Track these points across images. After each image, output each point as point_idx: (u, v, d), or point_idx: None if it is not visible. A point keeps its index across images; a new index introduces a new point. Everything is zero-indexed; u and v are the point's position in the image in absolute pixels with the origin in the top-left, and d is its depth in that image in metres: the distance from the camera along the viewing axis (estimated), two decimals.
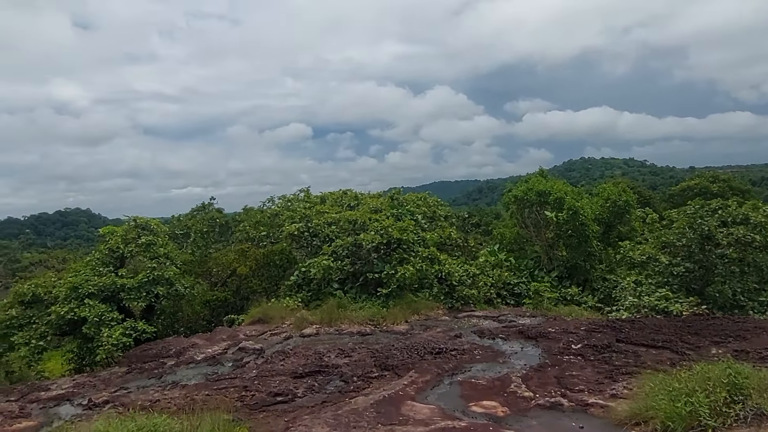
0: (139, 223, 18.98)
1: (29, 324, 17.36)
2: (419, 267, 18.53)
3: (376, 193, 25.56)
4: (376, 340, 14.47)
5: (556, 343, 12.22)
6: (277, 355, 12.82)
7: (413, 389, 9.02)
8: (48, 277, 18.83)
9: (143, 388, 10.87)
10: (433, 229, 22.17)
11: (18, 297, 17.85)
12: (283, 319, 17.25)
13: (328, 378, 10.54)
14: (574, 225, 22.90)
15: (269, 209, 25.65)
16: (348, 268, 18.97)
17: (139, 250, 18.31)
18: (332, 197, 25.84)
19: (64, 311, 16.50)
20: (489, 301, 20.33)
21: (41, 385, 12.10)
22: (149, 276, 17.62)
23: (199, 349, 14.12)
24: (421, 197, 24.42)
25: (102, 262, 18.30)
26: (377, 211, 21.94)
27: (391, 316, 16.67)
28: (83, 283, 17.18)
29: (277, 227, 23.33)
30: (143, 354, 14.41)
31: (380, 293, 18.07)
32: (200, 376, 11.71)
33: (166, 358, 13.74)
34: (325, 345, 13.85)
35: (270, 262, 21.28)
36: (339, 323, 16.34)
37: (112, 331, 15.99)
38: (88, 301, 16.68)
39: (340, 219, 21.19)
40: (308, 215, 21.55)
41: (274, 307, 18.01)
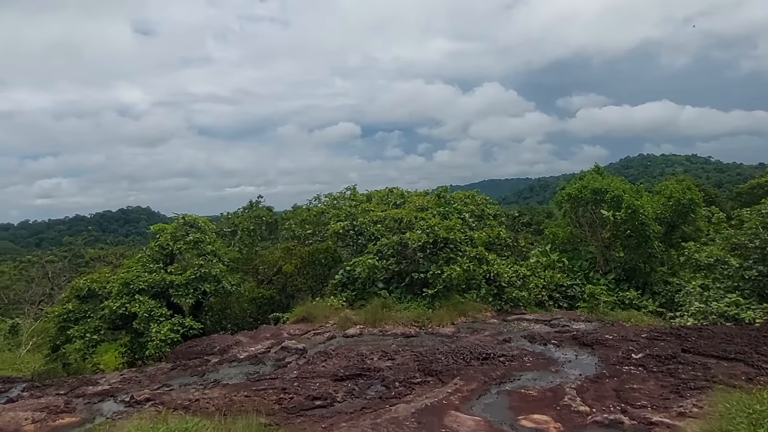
0: (187, 220, 19.25)
1: (84, 318, 17.90)
2: (466, 267, 17.90)
3: (422, 191, 25.04)
4: (421, 342, 13.99)
5: (614, 352, 11.35)
6: (319, 355, 12.56)
7: (458, 398, 8.49)
8: (102, 273, 19.40)
9: (185, 386, 10.83)
10: (481, 228, 21.43)
11: (74, 291, 18.46)
12: (327, 318, 17.04)
13: (369, 382, 10.15)
14: (633, 224, 21.60)
15: (315, 207, 25.61)
16: (393, 267, 18.56)
17: (187, 247, 18.57)
18: (378, 195, 25.50)
19: (116, 306, 16.90)
20: (540, 303, 19.42)
21: (90, 379, 12.33)
22: (196, 273, 17.82)
23: (242, 348, 14.06)
24: (469, 195, 23.70)
25: (152, 258, 18.66)
26: (423, 209, 21.41)
27: (436, 317, 16.14)
28: (134, 279, 17.56)
29: (322, 225, 23.22)
30: (189, 350, 14.50)
31: (426, 294, 17.56)
32: (241, 375, 11.59)
33: (210, 356, 13.76)
34: (368, 346, 13.49)
35: (315, 261, 21.16)
36: (383, 324, 15.96)
37: (161, 327, 16.23)
38: (139, 297, 17.02)
39: (386, 217, 20.81)
40: (353, 213, 21.28)
41: (318, 306, 17.84)
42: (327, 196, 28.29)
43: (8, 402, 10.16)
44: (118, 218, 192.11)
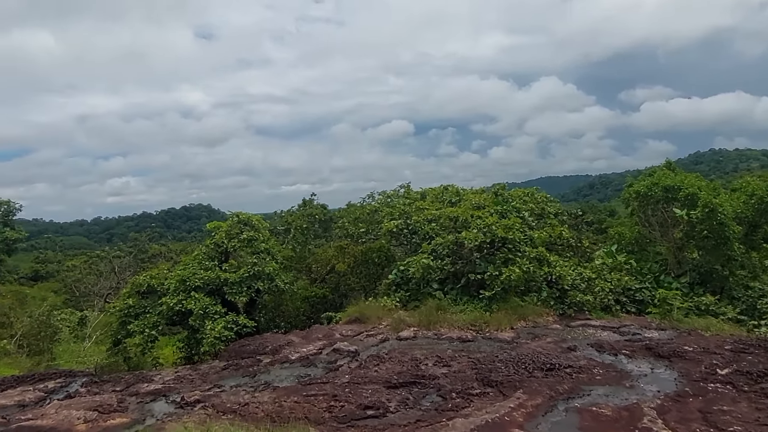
0: (241, 218, 19.31)
1: (144, 313, 18.26)
2: (526, 268, 16.97)
3: (478, 189, 24.15)
4: (478, 348, 13.28)
5: (695, 366, 10.27)
6: (372, 359, 12.11)
7: (521, 415, 7.78)
8: (161, 269, 19.76)
9: (236, 388, 10.64)
10: (542, 227, 20.35)
11: (135, 287, 18.88)
12: (380, 319, 16.59)
13: (424, 391, 9.58)
14: (710, 224, 19.91)
15: (369, 205, 25.25)
16: (448, 267, 17.88)
17: (241, 245, 18.62)
18: (432, 193, 24.81)
19: (173, 303, 17.11)
20: (606, 308, 18.18)
21: (146, 376, 12.40)
22: (250, 271, 17.81)
23: (294, 348, 13.83)
24: (528, 193, 22.62)
25: (208, 256, 18.83)
26: (480, 207, 20.57)
27: (494, 321, 15.36)
28: (191, 277, 17.74)
29: (376, 224, 22.81)
30: (242, 349, 14.42)
31: (483, 296, 16.78)
32: (292, 377, 11.30)
33: (262, 355, 13.60)
34: (422, 351, 12.93)
35: (368, 260, 20.78)
36: (438, 327, 15.34)
37: (215, 324, 16.28)
38: (195, 294, 17.16)
39: (441, 216, 20.13)
40: (408, 212, 20.74)
41: (371, 306, 17.42)
42: (381, 194, 27.89)
43: (66, 398, 10.31)
44: (181, 215, 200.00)
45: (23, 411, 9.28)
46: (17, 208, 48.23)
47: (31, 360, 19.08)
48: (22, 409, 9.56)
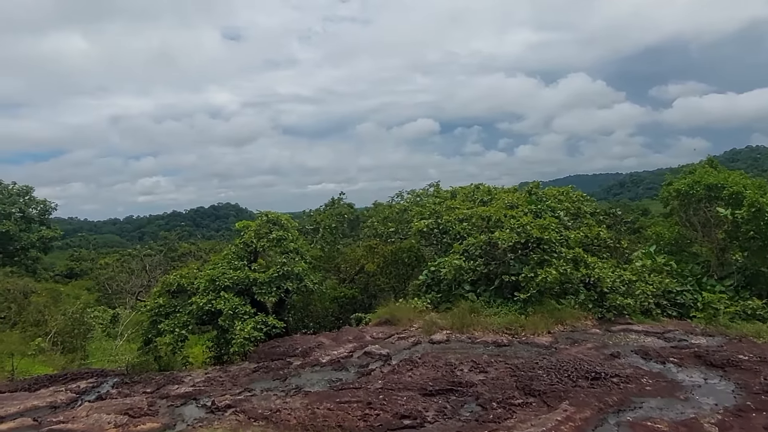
0: (270, 218, 19.14)
1: (174, 313, 18.24)
2: (563, 270, 16.35)
3: (511, 188, 23.56)
4: (515, 353, 12.78)
5: (753, 377, 9.59)
6: (405, 363, 11.73)
7: (570, 429, 7.30)
8: (191, 268, 19.74)
9: (267, 392, 10.39)
10: (578, 227, 19.66)
11: (165, 286, 18.88)
12: (411, 321, 16.20)
13: (462, 399, 9.16)
14: (757, 225, 18.93)
15: (398, 204, 24.89)
16: (481, 268, 17.38)
17: (270, 245, 18.45)
18: (463, 192, 24.33)
19: (203, 302, 17.03)
20: (646, 311, 17.40)
21: (177, 377, 12.27)
22: (279, 271, 17.61)
23: (324, 350, 13.54)
24: (563, 191, 21.91)
25: (237, 255, 18.71)
26: (513, 207, 20.00)
27: (530, 324, 14.80)
28: (220, 276, 17.63)
29: (405, 223, 22.43)
30: (271, 351, 14.22)
31: (517, 298, 16.23)
32: (324, 382, 11.00)
33: (292, 357, 13.36)
34: (456, 355, 12.49)
35: (398, 260, 20.41)
36: (471, 330, 14.87)
37: (245, 325, 16.11)
38: (224, 294, 17.03)
39: (472, 215, 19.63)
40: (438, 211, 20.29)
41: (401, 307, 17.04)
42: (409, 192, 27.50)
43: (97, 399, 10.21)
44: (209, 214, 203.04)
45: (55, 413, 9.20)
46: (53, 207, 49.54)
47: (64, 357, 19.29)
48: (53, 410, 9.49)
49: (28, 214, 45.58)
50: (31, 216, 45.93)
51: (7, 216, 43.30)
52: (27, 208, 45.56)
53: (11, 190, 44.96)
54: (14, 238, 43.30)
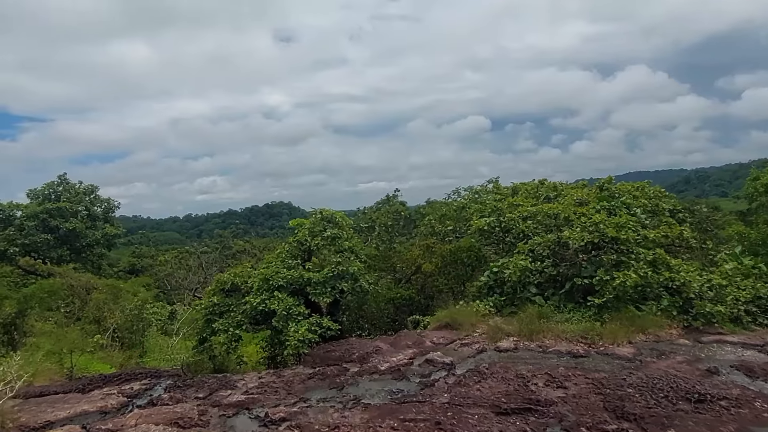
0: (324, 215, 18.50)
1: (228, 312, 17.92)
2: (643, 273, 14.82)
3: (579, 183, 21.96)
4: (595, 365, 11.48)
5: None
6: (472, 374, 10.69)
7: None
8: (245, 267, 19.40)
9: (324, 402, 9.63)
10: (656, 226, 17.93)
11: (219, 285, 18.59)
12: (474, 326, 15.11)
13: (543, 421, 8.05)
14: None
15: (455, 202, 23.77)
16: (549, 270, 16.07)
17: (324, 243, 17.78)
18: (525, 188, 22.90)
19: (256, 302, 16.57)
20: (735, 319, 15.57)
21: (229, 381, 11.75)
22: (334, 270, 16.91)
23: (383, 356, 12.69)
24: (638, 187, 20.14)
25: (291, 254, 18.18)
26: (582, 203, 18.51)
27: (608, 333, 13.40)
28: (274, 275, 17.13)
29: (463, 221, 21.29)
30: (327, 355, 13.51)
31: (591, 303, 14.83)
32: (384, 393, 10.13)
33: (348, 363, 12.59)
34: (527, 366, 11.35)
35: (457, 260, 19.31)
36: (541, 337, 13.63)
37: (298, 326, 15.50)
38: (278, 294, 16.52)
39: (538, 213, 18.28)
40: (500, 208, 19.05)
41: (463, 311, 15.96)
42: (467, 189, 26.33)
43: (148, 404, 9.77)
44: (263, 212, 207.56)
45: (104, 419, 8.79)
46: (116, 205, 51.45)
47: (123, 354, 19.38)
48: (103, 416, 9.10)
49: (93, 212, 47.41)
50: (96, 214, 47.75)
51: (73, 214, 45.16)
52: (92, 206, 47.40)
53: (78, 189, 46.86)
54: (81, 235, 45.13)
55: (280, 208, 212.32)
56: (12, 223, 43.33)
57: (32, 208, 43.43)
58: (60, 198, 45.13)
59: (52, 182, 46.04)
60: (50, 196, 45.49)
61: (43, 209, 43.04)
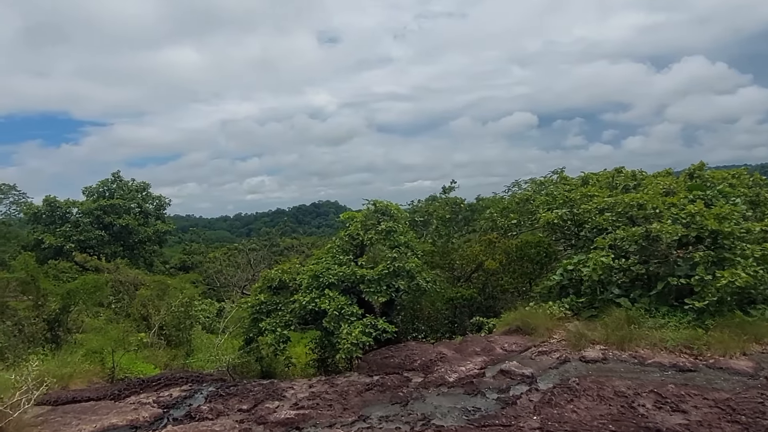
0: (378, 207, 17.04)
1: (276, 311, 16.76)
2: (752, 272, 12.58)
3: (663, 171, 19.59)
4: (709, 382, 9.50)
5: None
6: (561, 391, 8.94)
7: None
8: (293, 264, 18.20)
9: (385, 421, 8.14)
10: (760, 218, 15.52)
11: (266, 282, 17.47)
12: (550, 331, 13.28)
13: None
14: None
15: (519, 194, 21.84)
16: (637, 268, 14.01)
17: (379, 237, 16.32)
18: (596, 178, 20.69)
19: (306, 300, 15.31)
20: None
21: (277, 389, 10.45)
22: (390, 267, 15.43)
23: (449, 365, 11.08)
24: (735, 174, 17.67)
25: (342, 249, 16.83)
26: (669, 193, 16.30)
27: (717, 343, 11.29)
28: (324, 272, 15.82)
29: (529, 214, 19.36)
30: (384, 361, 12.03)
31: (690, 307, 12.71)
32: (457, 411, 8.54)
33: (410, 372, 11.06)
34: (625, 381, 9.48)
35: (524, 256, 17.45)
36: (634, 346, 11.68)
37: (352, 328, 14.11)
38: (329, 292, 15.18)
39: (618, 203, 16.18)
40: (572, 199, 17.05)
41: (535, 313, 14.13)
42: (529, 181, 24.35)
43: (185, 417, 8.54)
44: (311, 211, 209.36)
45: None
46: (167, 202, 51.93)
47: (168, 353, 18.56)
48: None
49: (146, 208, 47.93)
50: (148, 211, 48.27)
51: (126, 210, 45.72)
52: (144, 203, 47.91)
53: (130, 186, 47.47)
54: (133, 231, 45.65)
55: (327, 207, 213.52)
56: (68, 220, 44.24)
57: (87, 205, 44.23)
58: (114, 195, 45.80)
59: (107, 180, 46.85)
60: (104, 193, 46.25)
61: (97, 206, 43.73)
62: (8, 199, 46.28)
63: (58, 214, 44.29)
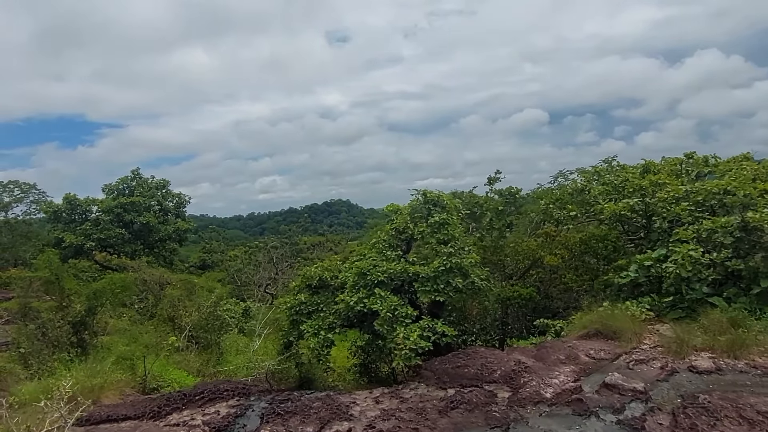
0: (429, 197, 15.50)
1: (317, 312, 15.35)
2: None
3: (740, 155, 17.80)
4: None
5: None
6: (696, 413, 7.35)
7: None
8: (334, 260, 16.77)
9: None
10: None
11: (305, 281, 16.04)
12: (639, 335, 11.65)
13: None
14: None
15: (573, 183, 20.12)
16: (732, 263, 12.35)
17: (431, 231, 14.78)
18: (656, 167, 18.94)
19: (353, 301, 13.83)
20: None
21: (341, 405, 9.00)
22: (446, 263, 13.89)
23: (536, 376, 9.53)
24: None
25: (389, 244, 15.32)
26: (757, 179, 14.60)
27: None
28: (371, 270, 14.32)
29: (585, 206, 17.68)
30: (457, 371, 10.50)
31: None
32: None
33: (491, 384, 9.53)
34: (761, 398, 7.87)
35: (588, 251, 15.80)
36: (747, 354, 10.03)
37: (408, 331, 12.60)
38: (379, 291, 13.69)
39: (696, 191, 14.53)
40: (644, 187, 15.40)
41: (617, 315, 12.52)
42: (577, 171, 22.67)
43: None
44: (323, 210, 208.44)
45: None
46: (187, 200, 50.82)
47: (200, 357, 17.23)
48: None
49: (165, 206, 46.86)
50: (168, 208, 47.20)
51: (147, 208, 44.67)
52: (164, 200, 46.84)
53: (150, 184, 46.43)
54: (153, 229, 44.59)
55: (339, 205, 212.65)
56: (88, 218, 43.30)
57: (107, 203, 43.22)
58: (134, 193, 44.75)
59: (126, 177, 45.79)
60: (124, 191, 45.23)
61: (117, 204, 42.69)
62: (28, 198, 45.34)
63: (78, 212, 43.35)
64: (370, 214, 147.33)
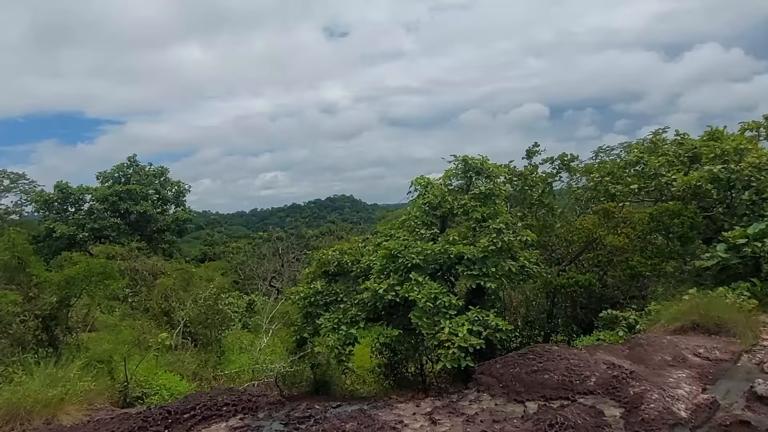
0: (470, 164, 12.96)
1: (336, 302, 12.90)
2: None
3: None
4: None
5: None
6: None
7: None
8: (354, 242, 14.28)
9: None
10: None
11: (321, 266, 13.56)
12: (754, 330, 9.13)
13: None
14: None
15: (630, 154, 17.49)
16: None
17: (475, 204, 12.25)
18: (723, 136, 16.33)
19: (382, 289, 11.34)
20: None
21: (385, 427, 6.45)
22: (496, 242, 11.38)
23: (648, 384, 7.01)
24: None
25: (422, 221, 12.82)
26: None
27: None
28: (403, 251, 11.84)
29: (648, 179, 15.11)
30: (533, 378, 7.93)
31: None
32: None
33: (586, 396, 7.00)
34: None
35: (660, 229, 13.23)
36: None
37: (455, 325, 10.11)
38: (415, 276, 11.20)
39: None
40: (728, 152, 12.84)
41: (713, 303, 10.00)
42: (622, 146, 20.14)
43: None
44: (326, 205, 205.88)
45: None
46: (187, 188, 48.32)
47: (197, 358, 14.75)
48: None
49: (164, 195, 44.44)
50: (166, 197, 44.79)
51: (144, 197, 42.23)
52: (162, 189, 44.42)
53: (147, 171, 44.00)
54: (151, 219, 42.19)
55: (342, 201, 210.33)
56: (82, 207, 40.87)
57: (102, 191, 40.79)
58: (130, 180, 42.29)
59: (122, 164, 43.33)
60: (120, 179, 42.79)
61: (112, 192, 40.25)
62: (18, 188, 42.87)
63: (71, 201, 40.90)
64: (373, 210, 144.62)
